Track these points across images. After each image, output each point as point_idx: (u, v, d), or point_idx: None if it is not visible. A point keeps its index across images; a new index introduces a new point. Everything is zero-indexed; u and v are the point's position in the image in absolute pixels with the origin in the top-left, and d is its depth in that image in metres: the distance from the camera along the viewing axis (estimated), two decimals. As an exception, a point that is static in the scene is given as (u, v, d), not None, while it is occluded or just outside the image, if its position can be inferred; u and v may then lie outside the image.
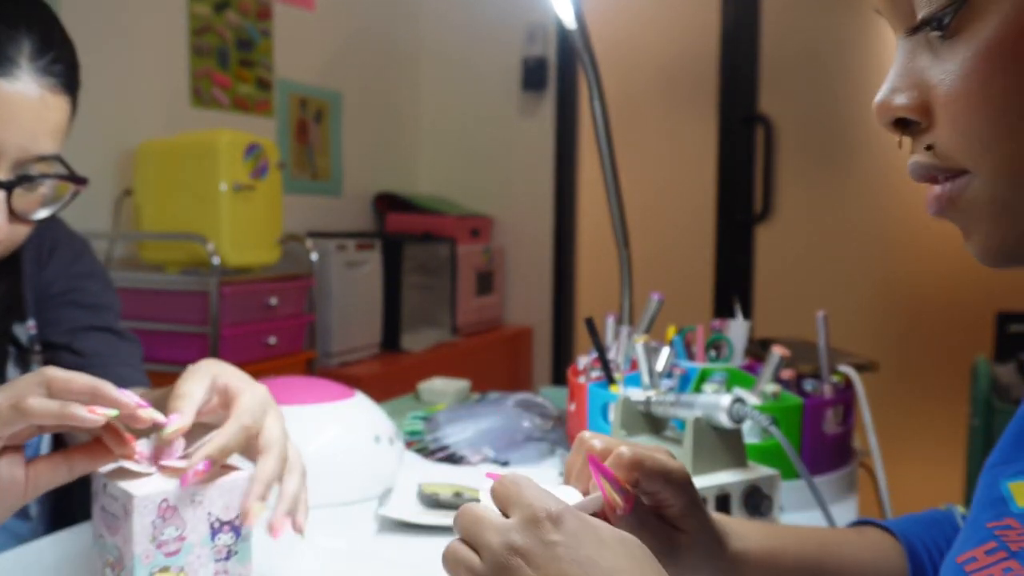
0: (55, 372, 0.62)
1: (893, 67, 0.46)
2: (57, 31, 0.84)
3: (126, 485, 0.64)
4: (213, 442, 0.67)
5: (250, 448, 0.70)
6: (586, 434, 0.58)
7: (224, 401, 0.72)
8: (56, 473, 0.64)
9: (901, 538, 0.64)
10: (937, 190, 0.46)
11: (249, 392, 0.71)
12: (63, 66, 0.82)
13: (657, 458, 0.56)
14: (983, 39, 0.40)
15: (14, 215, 0.80)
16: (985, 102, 0.41)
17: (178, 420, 0.66)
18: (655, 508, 0.57)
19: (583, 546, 0.45)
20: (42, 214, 0.84)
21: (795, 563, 0.61)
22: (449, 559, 0.48)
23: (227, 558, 0.69)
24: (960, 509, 0.67)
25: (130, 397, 0.63)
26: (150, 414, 0.64)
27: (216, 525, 0.68)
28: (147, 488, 0.64)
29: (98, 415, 0.61)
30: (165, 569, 0.65)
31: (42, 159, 0.80)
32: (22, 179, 0.79)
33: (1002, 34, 0.39)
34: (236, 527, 0.69)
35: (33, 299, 0.98)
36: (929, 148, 0.45)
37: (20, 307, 0.95)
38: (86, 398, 0.62)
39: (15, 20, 0.78)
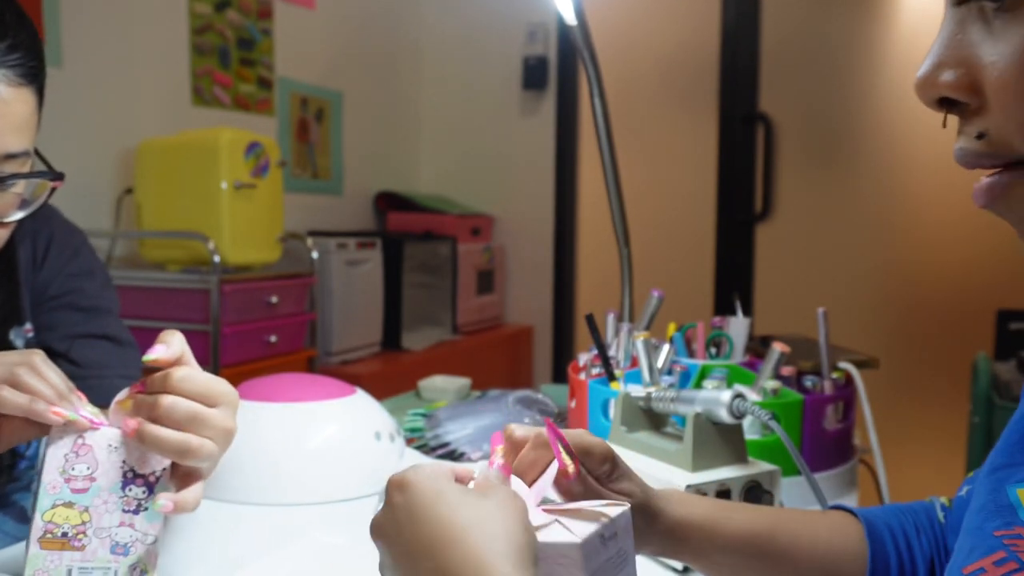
0: (27, 377, 0.65)
1: (938, 38, 0.41)
2: (10, 14, 0.75)
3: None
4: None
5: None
6: (511, 425, 0.58)
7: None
8: (27, 431, 0.67)
9: (863, 520, 0.63)
10: (987, 181, 0.41)
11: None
12: (21, 54, 0.74)
13: (573, 432, 0.58)
14: None
15: None
16: None
17: (163, 350, 0.67)
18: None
19: (435, 505, 0.46)
20: (17, 215, 0.79)
21: (744, 532, 0.60)
22: None
23: (135, 511, 0.68)
24: (942, 499, 0.66)
25: (85, 413, 0.67)
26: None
27: (129, 475, 0.68)
28: (65, 425, 0.66)
29: (60, 416, 0.65)
30: (69, 504, 0.66)
31: (11, 157, 0.75)
32: None
33: None
34: (150, 483, 0.68)
35: (30, 301, 0.96)
36: (980, 136, 0.40)
37: (18, 312, 0.93)
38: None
39: None
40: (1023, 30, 0.36)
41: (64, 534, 0.66)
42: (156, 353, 0.66)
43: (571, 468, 0.54)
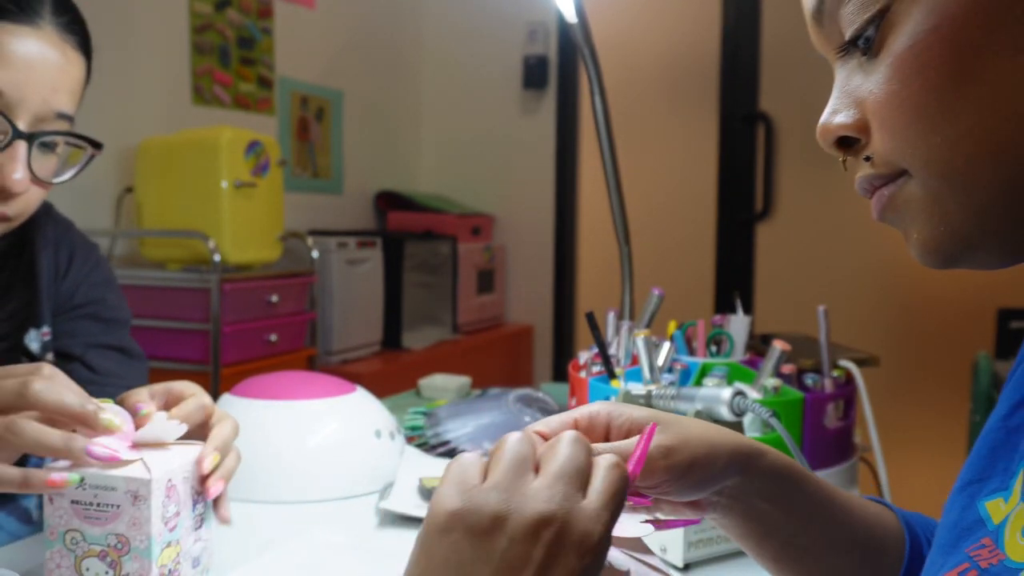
0: (43, 395, 0.65)
1: (832, 92, 0.49)
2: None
3: (123, 472, 0.65)
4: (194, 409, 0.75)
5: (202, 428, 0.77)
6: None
7: (171, 399, 0.77)
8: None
9: (897, 512, 0.65)
10: (875, 195, 0.49)
11: (196, 388, 0.78)
12: (80, 27, 0.84)
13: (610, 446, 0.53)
14: (899, 47, 0.44)
15: (33, 175, 0.80)
16: (906, 101, 0.44)
17: (149, 406, 0.73)
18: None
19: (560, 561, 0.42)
20: (64, 177, 0.84)
21: (818, 481, 0.60)
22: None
23: (200, 526, 0.73)
24: None
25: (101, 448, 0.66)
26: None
27: (195, 497, 0.72)
28: (153, 471, 0.66)
29: (59, 484, 0.65)
30: (169, 544, 0.68)
31: (62, 117, 0.81)
32: (42, 133, 0.80)
33: (914, 40, 0.43)
34: (204, 497, 0.74)
35: (51, 307, 0.98)
36: (868, 159, 0.48)
37: (35, 316, 0.95)
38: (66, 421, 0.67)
39: None
40: (885, 61, 0.44)
41: (170, 571, 0.69)
42: (146, 410, 0.72)
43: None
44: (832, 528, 0.59)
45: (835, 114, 0.48)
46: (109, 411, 0.67)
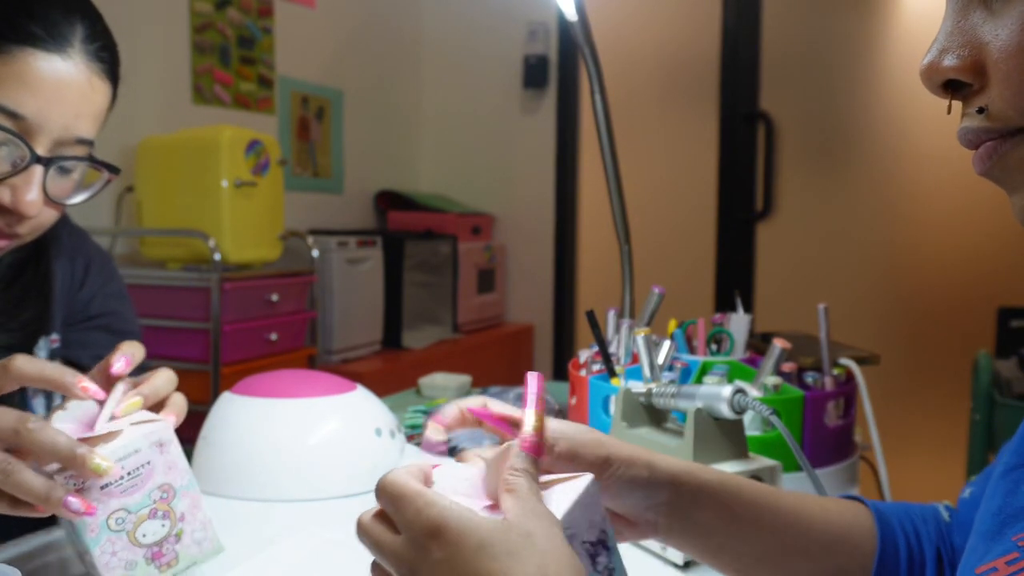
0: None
1: (942, 27, 0.43)
2: (103, 25, 0.87)
3: (138, 432, 0.66)
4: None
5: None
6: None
7: (104, 367, 0.75)
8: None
9: (871, 506, 0.62)
10: (983, 148, 0.43)
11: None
12: (109, 55, 0.86)
13: (568, 430, 0.56)
14: None
15: (47, 197, 0.80)
16: None
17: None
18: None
19: (467, 559, 0.43)
20: (78, 198, 0.85)
21: (749, 486, 0.58)
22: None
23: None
24: (945, 502, 0.66)
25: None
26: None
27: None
28: (157, 421, 0.67)
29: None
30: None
31: (81, 142, 0.82)
32: (60, 158, 0.80)
33: None
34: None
35: (64, 315, 0.98)
36: (981, 111, 0.42)
37: (46, 324, 0.95)
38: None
39: (72, 6, 0.81)
40: (1019, 11, 0.39)
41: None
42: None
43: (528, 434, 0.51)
44: (784, 533, 0.58)
45: (945, 53, 0.42)
46: (73, 411, 0.67)
